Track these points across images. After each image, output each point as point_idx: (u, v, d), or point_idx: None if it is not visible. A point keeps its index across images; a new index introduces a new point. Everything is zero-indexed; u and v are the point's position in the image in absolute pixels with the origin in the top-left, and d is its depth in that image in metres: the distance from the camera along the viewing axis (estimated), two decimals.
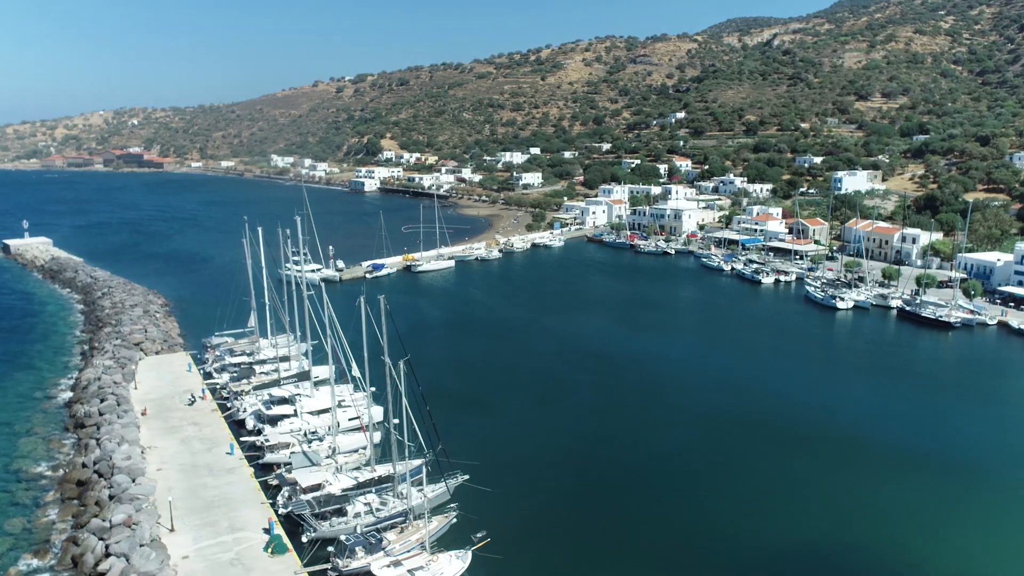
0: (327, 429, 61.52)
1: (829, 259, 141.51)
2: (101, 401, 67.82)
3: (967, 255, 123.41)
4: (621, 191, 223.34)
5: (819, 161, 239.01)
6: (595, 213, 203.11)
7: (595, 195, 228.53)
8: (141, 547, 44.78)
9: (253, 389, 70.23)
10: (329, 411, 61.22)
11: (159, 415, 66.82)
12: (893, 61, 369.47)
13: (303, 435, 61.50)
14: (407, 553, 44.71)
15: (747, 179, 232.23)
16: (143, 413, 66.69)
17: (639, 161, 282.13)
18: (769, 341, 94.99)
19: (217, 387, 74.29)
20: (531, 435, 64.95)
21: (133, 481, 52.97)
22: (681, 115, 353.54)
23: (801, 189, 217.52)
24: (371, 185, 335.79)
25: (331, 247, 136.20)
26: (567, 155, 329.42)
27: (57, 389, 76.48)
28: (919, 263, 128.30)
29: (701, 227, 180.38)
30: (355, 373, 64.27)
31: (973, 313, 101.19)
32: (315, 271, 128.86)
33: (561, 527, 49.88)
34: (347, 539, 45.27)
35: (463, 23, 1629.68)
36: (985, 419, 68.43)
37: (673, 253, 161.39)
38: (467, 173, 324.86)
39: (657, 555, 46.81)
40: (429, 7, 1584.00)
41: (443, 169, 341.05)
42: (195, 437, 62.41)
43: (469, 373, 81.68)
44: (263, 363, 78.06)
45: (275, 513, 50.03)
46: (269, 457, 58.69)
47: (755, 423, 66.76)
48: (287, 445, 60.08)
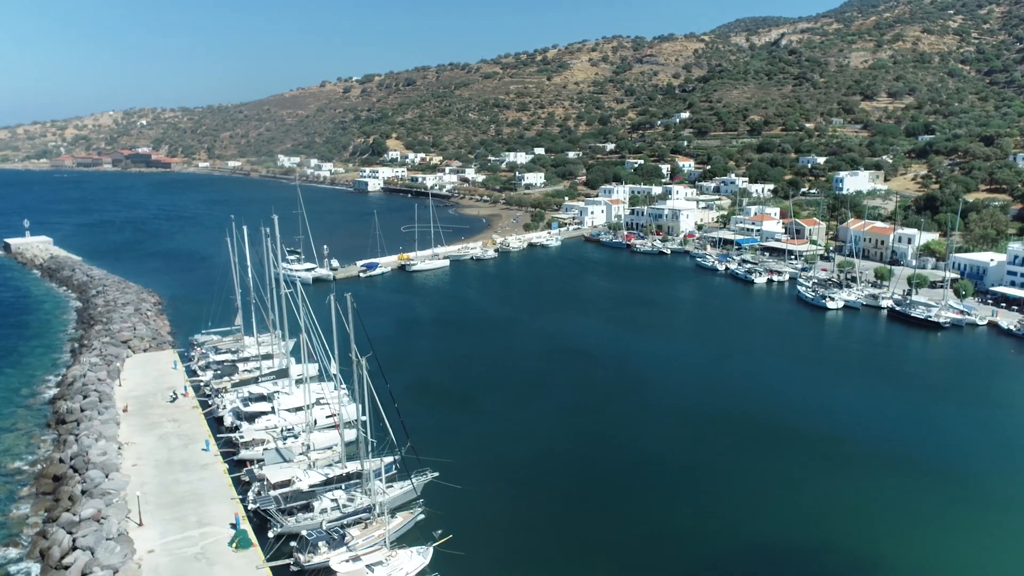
0: (304, 426, 61.98)
1: (824, 259, 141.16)
2: (84, 398, 68.67)
3: (960, 255, 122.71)
4: (622, 191, 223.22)
5: (822, 161, 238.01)
6: (593, 213, 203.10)
7: (596, 195, 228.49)
8: (107, 540, 45.41)
9: (232, 386, 70.86)
10: (308, 408, 61.75)
11: (140, 412, 67.52)
12: (900, 61, 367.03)
13: (279, 432, 62.02)
14: (368, 549, 45.09)
15: (749, 179, 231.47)
16: (124, 410, 67.41)
17: (642, 161, 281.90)
18: (756, 340, 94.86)
19: (201, 384, 74.99)
20: (509, 434, 65.20)
21: (106, 476, 53.67)
22: (685, 115, 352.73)
23: (803, 189, 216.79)
24: (375, 185, 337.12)
25: (325, 246, 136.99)
26: (571, 155, 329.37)
27: (45, 386, 77.43)
28: (914, 263, 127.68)
29: (699, 227, 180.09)
30: (334, 371, 64.90)
31: (963, 313, 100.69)
32: (309, 270, 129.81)
33: (527, 525, 50.12)
34: (309, 534, 45.75)
35: (471, 23, 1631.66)
36: (965, 420, 68.19)
37: (669, 253, 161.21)
38: (470, 173, 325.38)
39: (622, 553, 46.93)
40: (437, 7, 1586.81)
41: (447, 169, 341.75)
42: (173, 434, 63.06)
43: (453, 371, 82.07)
44: (246, 360, 78.73)
45: (244, 509, 50.55)
46: (244, 453, 59.25)
47: (736, 422, 66.74)
48: (263, 442, 60.63)
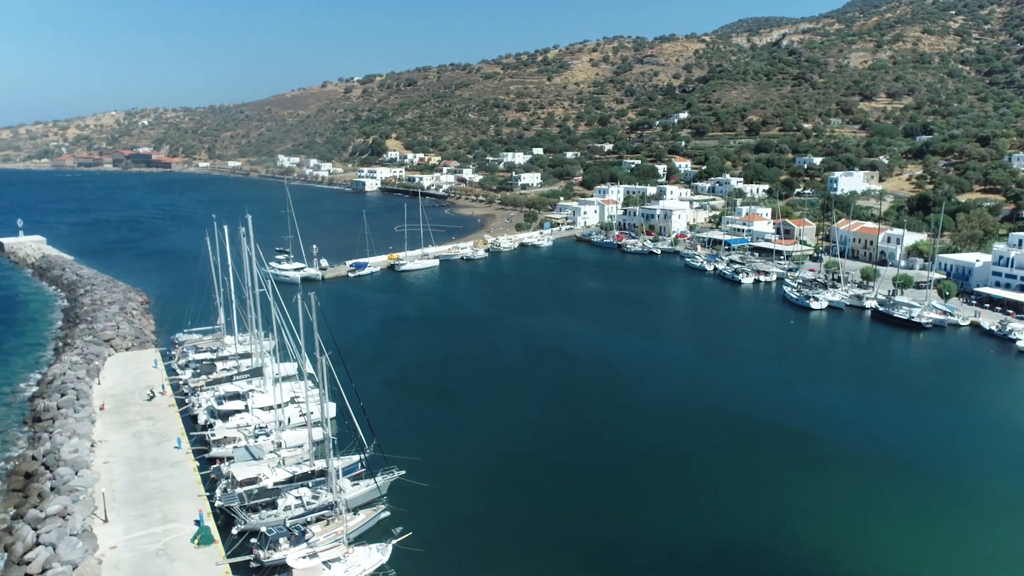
0: (277, 424, 62.37)
1: (813, 259, 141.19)
2: (61, 396, 69.14)
3: (947, 256, 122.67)
4: (617, 191, 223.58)
5: (818, 162, 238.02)
6: (587, 213, 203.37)
7: (592, 195, 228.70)
8: (70, 536, 45.78)
9: (207, 385, 71.30)
10: (280, 406, 62.19)
11: (117, 410, 67.97)
12: (900, 61, 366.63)
13: (251, 430, 62.42)
14: (327, 545, 45.43)
15: (745, 179, 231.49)
16: (101, 408, 67.89)
17: (639, 161, 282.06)
18: (738, 340, 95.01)
19: (180, 383, 75.44)
20: (483, 433, 65.43)
21: (76, 473, 54.07)
22: (684, 115, 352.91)
23: (797, 189, 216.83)
24: (372, 185, 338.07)
25: (315, 246, 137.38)
26: (569, 156, 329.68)
27: (26, 384, 77.95)
28: (903, 264, 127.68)
29: (691, 227, 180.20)
30: (309, 370, 65.33)
31: (945, 314, 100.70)
32: (298, 270, 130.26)
33: (490, 523, 50.43)
34: (270, 531, 46.10)
35: (473, 24, 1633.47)
36: (942, 420, 68.33)
37: (659, 253, 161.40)
38: (468, 173, 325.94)
39: (585, 553, 47.11)
40: (439, 8, 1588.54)
41: (444, 169, 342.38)
42: (147, 431, 63.48)
43: (433, 371, 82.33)
44: (225, 359, 79.14)
45: (211, 506, 50.94)
46: (215, 451, 59.58)
47: (713, 421, 66.99)
48: (234, 439, 61.02)
